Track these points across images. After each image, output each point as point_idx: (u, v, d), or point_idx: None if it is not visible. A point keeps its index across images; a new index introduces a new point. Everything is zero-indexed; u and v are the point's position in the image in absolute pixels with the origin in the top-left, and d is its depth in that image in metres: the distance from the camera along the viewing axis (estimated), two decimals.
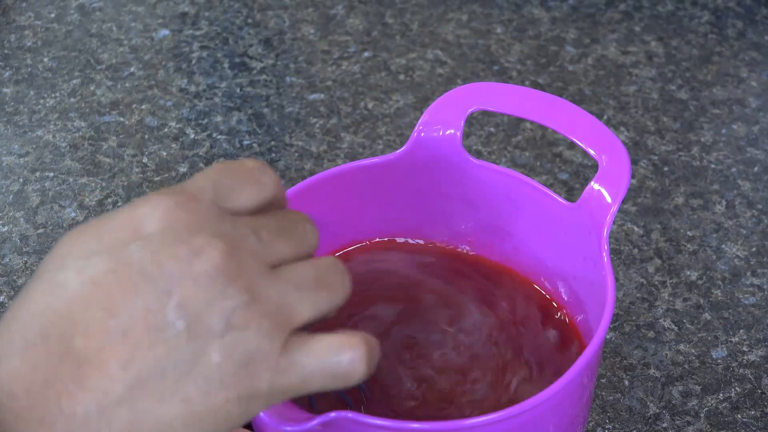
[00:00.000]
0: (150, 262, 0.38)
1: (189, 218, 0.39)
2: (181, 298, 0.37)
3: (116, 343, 0.37)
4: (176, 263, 0.38)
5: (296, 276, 0.40)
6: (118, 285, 0.37)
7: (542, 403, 0.47)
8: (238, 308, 0.38)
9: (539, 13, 0.97)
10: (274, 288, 0.39)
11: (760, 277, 0.74)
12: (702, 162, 0.83)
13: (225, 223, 0.39)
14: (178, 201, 0.39)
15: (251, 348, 0.38)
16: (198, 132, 0.86)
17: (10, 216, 0.80)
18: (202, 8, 0.99)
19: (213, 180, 0.40)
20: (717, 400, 0.67)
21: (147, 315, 0.37)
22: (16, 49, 0.95)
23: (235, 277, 0.38)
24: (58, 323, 0.37)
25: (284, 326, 0.39)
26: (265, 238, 0.40)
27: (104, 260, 0.38)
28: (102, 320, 0.37)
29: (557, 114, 0.56)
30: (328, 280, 0.40)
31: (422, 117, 0.58)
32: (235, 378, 0.38)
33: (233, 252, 0.38)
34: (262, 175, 0.41)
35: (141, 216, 0.39)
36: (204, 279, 0.38)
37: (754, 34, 0.95)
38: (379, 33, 0.96)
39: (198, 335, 0.37)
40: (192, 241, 0.38)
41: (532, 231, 0.59)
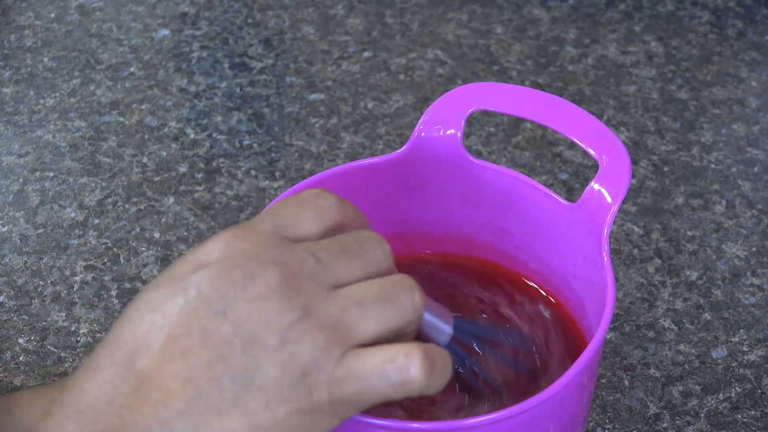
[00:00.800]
0: (206, 285, 0.40)
1: (246, 247, 0.41)
2: (235, 318, 0.39)
3: (175, 360, 0.39)
4: (231, 287, 0.40)
5: (359, 293, 0.41)
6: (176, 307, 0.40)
7: (542, 403, 0.47)
8: (292, 324, 0.40)
9: (539, 13, 0.97)
10: (333, 305, 0.40)
11: (760, 277, 0.74)
12: (702, 162, 0.83)
13: (282, 250, 0.41)
14: (237, 233, 0.41)
15: (306, 360, 0.39)
16: (198, 132, 0.86)
17: (10, 216, 0.80)
18: (202, 8, 0.99)
19: (272, 212, 0.42)
20: (717, 400, 0.67)
21: (203, 334, 0.39)
22: (16, 49, 0.95)
23: (290, 297, 0.40)
24: (123, 347, 0.40)
25: (342, 340, 0.40)
26: (325, 260, 0.41)
27: (168, 288, 0.41)
28: (161, 340, 0.40)
29: (558, 114, 0.56)
30: (392, 296, 0.41)
31: (423, 117, 0.58)
32: (293, 390, 0.39)
33: (289, 276, 0.40)
34: (320, 199, 0.43)
35: (205, 249, 0.41)
36: (257, 300, 0.40)
37: (754, 34, 0.95)
38: (379, 33, 0.96)
39: (253, 351, 0.39)
40: (247, 267, 0.40)
41: (533, 231, 0.59)
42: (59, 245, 0.77)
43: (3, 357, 0.70)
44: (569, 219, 0.56)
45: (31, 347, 0.71)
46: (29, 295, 0.74)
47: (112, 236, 0.78)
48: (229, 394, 0.39)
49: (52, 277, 0.75)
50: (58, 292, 0.74)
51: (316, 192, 0.43)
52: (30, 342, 0.71)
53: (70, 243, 0.78)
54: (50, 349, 0.71)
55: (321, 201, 0.43)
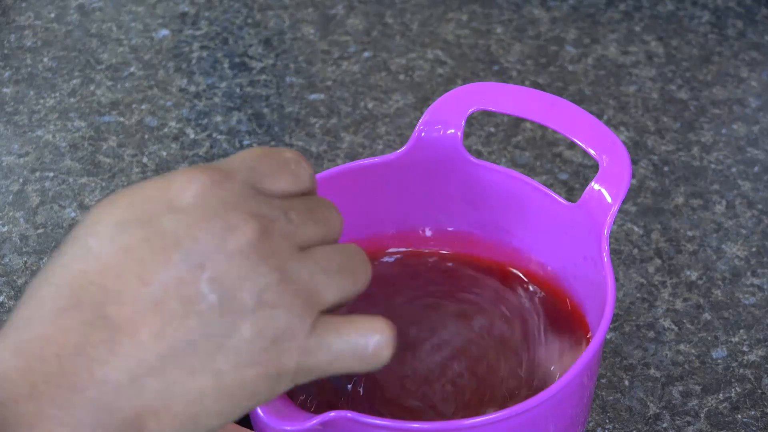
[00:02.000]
0: (184, 234, 0.38)
1: (224, 195, 0.39)
2: (214, 273, 0.38)
3: (149, 312, 0.37)
4: (211, 238, 0.38)
5: (324, 260, 0.40)
6: (152, 254, 0.38)
7: (542, 403, 0.47)
8: (269, 286, 0.38)
9: (539, 13, 0.97)
10: (305, 269, 0.40)
11: (760, 277, 0.74)
12: (702, 162, 0.83)
13: (258, 203, 0.40)
14: (213, 178, 0.39)
15: (281, 326, 0.38)
16: (198, 132, 0.86)
17: (10, 216, 0.80)
18: (202, 8, 0.99)
19: (249, 163, 0.41)
20: (717, 400, 0.67)
21: (180, 286, 0.38)
22: (16, 49, 0.95)
23: (267, 255, 0.39)
24: (90, 290, 0.37)
25: (313, 307, 0.39)
26: (295, 220, 0.40)
27: (138, 229, 0.38)
28: (135, 288, 0.37)
29: (558, 114, 0.56)
30: (352, 267, 0.41)
31: (423, 117, 0.58)
32: (264, 354, 0.38)
33: (266, 231, 0.39)
34: (299, 168, 0.42)
35: (176, 188, 0.39)
36: (237, 255, 0.38)
37: (754, 34, 0.95)
38: (379, 33, 0.96)
39: (230, 310, 0.38)
40: (227, 218, 0.38)
41: (533, 231, 0.59)
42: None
43: None
44: (569, 219, 0.56)
45: None
46: None
47: None
48: (203, 353, 0.37)
49: None
50: None
51: (295, 157, 0.42)
52: None
53: None
54: None
55: (300, 169, 0.42)
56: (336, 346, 0.40)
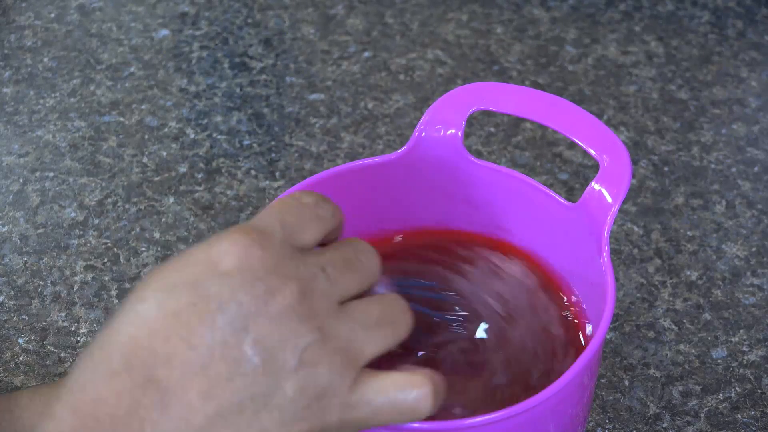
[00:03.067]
0: (228, 298, 0.40)
1: (264, 257, 0.41)
2: (257, 335, 0.39)
3: (196, 374, 0.39)
4: (253, 301, 0.40)
5: (363, 314, 0.42)
6: (198, 318, 0.39)
7: (542, 403, 0.47)
8: (310, 346, 0.40)
9: (539, 13, 0.97)
10: (344, 327, 0.41)
11: (760, 277, 0.74)
12: (702, 162, 0.83)
13: (296, 263, 0.41)
14: (254, 239, 0.41)
15: (323, 383, 0.40)
16: (198, 132, 0.86)
17: (10, 216, 0.80)
18: (202, 8, 0.99)
19: (279, 218, 0.42)
20: (717, 400, 0.67)
21: (225, 349, 0.39)
22: (16, 49, 0.95)
23: (307, 316, 0.40)
24: (140, 353, 0.39)
25: (354, 363, 0.41)
26: (332, 276, 0.42)
27: (184, 293, 0.40)
28: (183, 352, 0.39)
29: (558, 114, 0.56)
30: (392, 318, 0.43)
31: (423, 117, 0.58)
32: (308, 411, 0.40)
33: (305, 292, 0.41)
34: (320, 209, 0.44)
35: (218, 253, 0.41)
36: (278, 318, 0.40)
37: (754, 34, 0.95)
38: (379, 33, 0.96)
39: (273, 370, 0.39)
40: (268, 281, 0.40)
41: (533, 231, 0.59)
42: (59, 245, 0.77)
43: (3, 357, 0.70)
44: (570, 219, 0.56)
45: (31, 347, 0.71)
46: (29, 295, 0.74)
47: (112, 236, 0.78)
48: (248, 413, 0.39)
49: (52, 277, 0.75)
50: (58, 292, 0.74)
51: (314, 199, 0.44)
52: (30, 342, 0.71)
53: (70, 243, 0.78)
54: (50, 349, 0.71)
55: (321, 211, 0.44)
56: (377, 402, 0.41)
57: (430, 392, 0.42)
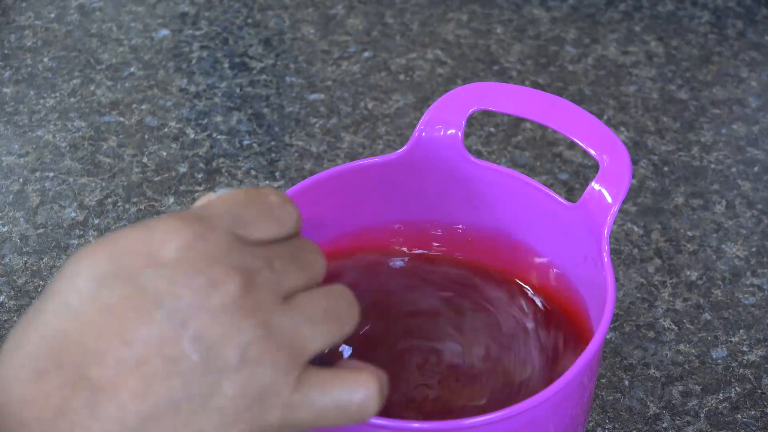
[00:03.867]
0: (166, 291, 0.37)
1: (206, 247, 0.38)
2: (196, 330, 0.37)
3: (131, 373, 0.36)
4: (193, 294, 0.37)
5: (308, 308, 0.40)
6: (134, 313, 0.37)
7: (542, 403, 0.47)
8: (253, 342, 0.37)
9: (539, 13, 0.97)
10: (288, 321, 0.39)
11: (760, 277, 0.74)
12: (702, 162, 0.83)
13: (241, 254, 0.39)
14: (196, 229, 0.38)
15: (265, 382, 0.38)
16: (198, 132, 0.86)
17: (10, 216, 0.80)
18: (202, 8, 0.99)
19: (232, 209, 0.40)
20: (717, 400, 0.67)
21: (162, 345, 0.37)
22: (16, 49, 0.95)
23: (251, 310, 0.38)
24: (71, 350, 0.36)
25: (297, 360, 0.39)
26: (279, 269, 0.39)
27: (119, 285, 0.37)
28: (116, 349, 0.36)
29: (558, 114, 0.56)
30: (338, 312, 0.40)
31: (423, 117, 0.58)
32: (248, 412, 0.38)
33: (250, 285, 0.38)
34: (283, 213, 0.41)
35: (157, 241, 0.38)
36: (221, 312, 0.37)
37: (754, 34, 0.95)
38: (379, 33, 0.96)
39: (213, 368, 0.37)
40: (209, 273, 0.37)
41: (533, 231, 0.59)
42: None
43: None
44: (570, 219, 0.56)
45: None
46: (29, 295, 0.74)
47: None
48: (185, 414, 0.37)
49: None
50: None
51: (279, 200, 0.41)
52: None
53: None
54: None
55: (284, 214, 0.41)
56: (320, 403, 0.39)
57: (376, 392, 0.40)
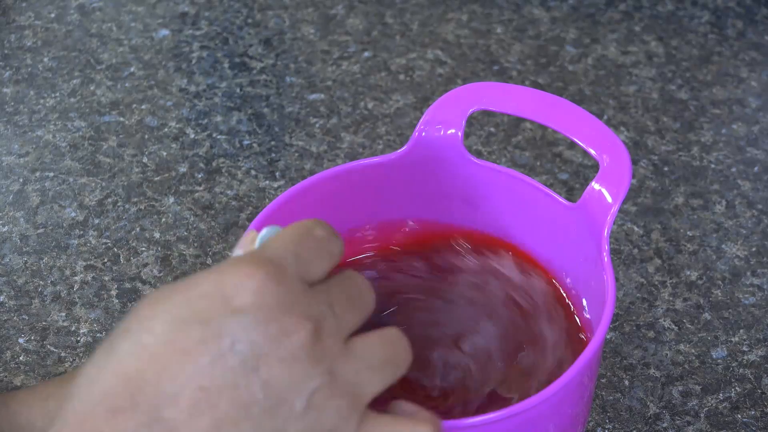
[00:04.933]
0: (241, 337, 0.38)
1: (279, 294, 0.39)
2: (267, 377, 0.38)
3: (203, 415, 0.38)
4: (266, 341, 0.39)
5: (368, 353, 0.41)
6: (209, 357, 0.38)
7: (542, 403, 0.47)
8: (319, 389, 0.39)
9: (539, 13, 0.97)
10: (350, 368, 0.40)
11: (760, 277, 0.74)
12: (702, 162, 0.83)
13: (308, 300, 0.40)
14: (269, 273, 0.40)
15: (328, 427, 0.39)
16: (198, 132, 0.86)
17: (10, 216, 0.80)
18: (202, 8, 0.99)
19: (293, 250, 0.41)
20: (717, 400, 0.67)
21: (234, 390, 0.38)
22: (16, 49, 0.95)
23: (318, 359, 0.39)
24: (146, 390, 0.38)
25: (358, 405, 0.40)
26: (339, 313, 0.41)
27: (195, 329, 0.38)
28: (191, 392, 0.38)
29: (558, 114, 0.56)
30: (394, 356, 0.42)
31: (423, 116, 0.58)
32: None
33: (317, 333, 0.40)
34: (333, 246, 0.42)
35: (231, 285, 0.39)
36: (290, 359, 0.39)
37: (754, 34, 0.95)
38: (379, 33, 0.96)
39: (280, 414, 0.39)
40: (283, 321, 0.39)
41: (533, 231, 0.59)
42: (59, 245, 0.77)
43: (3, 357, 0.70)
44: (570, 219, 0.56)
45: (31, 347, 0.71)
46: (29, 295, 0.74)
47: (112, 236, 0.78)
48: None
49: (52, 277, 0.75)
50: (58, 292, 0.74)
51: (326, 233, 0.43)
52: (30, 342, 0.71)
53: (70, 243, 0.78)
54: (50, 349, 0.71)
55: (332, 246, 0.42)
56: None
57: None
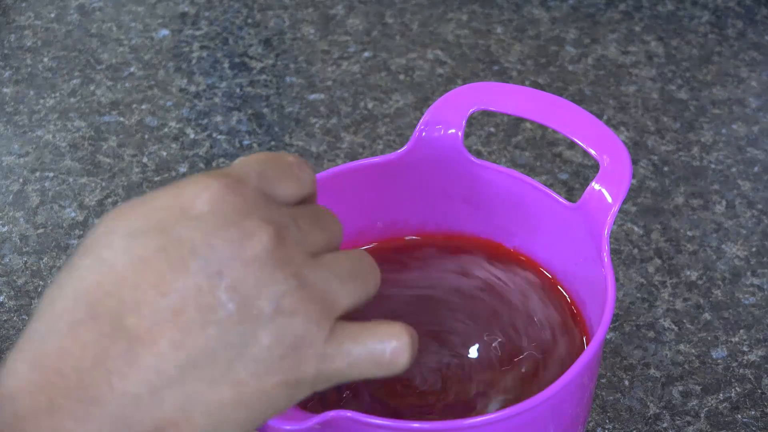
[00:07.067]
0: (201, 242, 0.38)
1: (237, 201, 0.39)
2: (232, 280, 0.37)
3: (168, 322, 0.37)
4: (227, 245, 0.38)
5: (336, 265, 0.40)
6: (169, 264, 0.37)
7: (542, 403, 0.47)
8: (287, 293, 0.38)
9: (539, 13, 0.97)
10: (318, 276, 0.39)
11: (760, 277, 0.74)
12: (702, 162, 0.83)
13: (270, 209, 0.39)
14: (227, 183, 0.39)
15: (300, 333, 0.38)
16: (198, 132, 0.86)
17: (10, 216, 0.80)
18: (202, 8, 0.99)
19: (257, 168, 0.41)
20: (717, 400, 0.67)
21: (198, 295, 0.37)
22: (16, 49, 0.95)
23: (283, 262, 0.38)
24: (107, 301, 0.37)
25: (330, 313, 0.39)
26: (304, 228, 0.40)
27: (153, 238, 0.38)
28: (153, 299, 0.37)
29: (559, 114, 0.56)
30: (362, 271, 0.41)
31: (424, 116, 0.58)
32: (283, 362, 0.38)
33: (280, 238, 0.39)
34: (302, 172, 0.42)
35: (188, 196, 0.39)
36: (254, 262, 0.38)
37: (754, 34, 0.95)
38: (379, 33, 0.96)
39: (248, 318, 0.37)
40: (242, 225, 0.38)
41: (533, 231, 0.59)
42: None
43: (3, 357, 0.70)
44: (570, 219, 0.56)
45: None
46: (29, 295, 0.74)
47: None
48: (222, 363, 0.37)
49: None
50: None
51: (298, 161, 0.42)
52: None
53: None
54: None
55: (303, 174, 0.42)
56: (354, 352, 0.39)
57: (408, 343, 0.40)
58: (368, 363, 0.40)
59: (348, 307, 0.40)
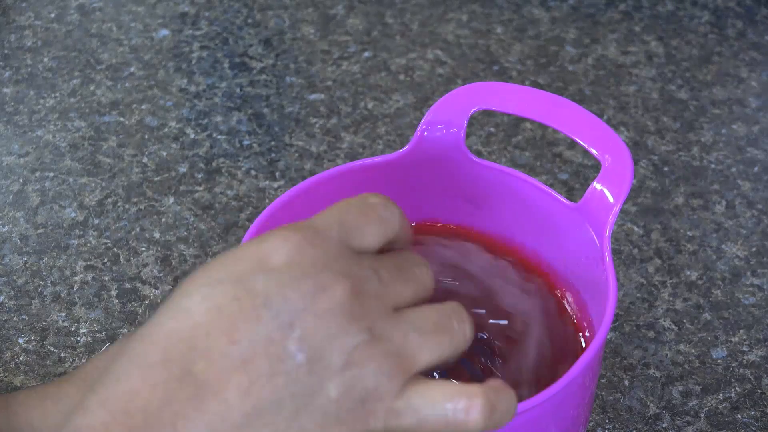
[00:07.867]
0: (274, 293, 0.38)
1: (315, 254, 0.39)
2: (303, 332, 0.38)
3: (236, 370, 0.37)
4: (301, 297, 0.38)
5: (418, 320, 0.40)
6: (241, 313, 0.38)
7: (543, 403, 0.47)
8: (358, 346, 0.38)
9: (539, 13, 0.97)
10: (396, 330, 0.39)
11: (760, 277, 0.74)
12: (702, 162, 0.83)
13: (350, 262, 0.40)
14: (306, 236, 0.39)
15: (369, 386, 0.39)
16: (198, 132, 0.86)
17: (10, 216, 0.80)
18: (202, 8, 0.99)
19: (339, 217, 0.41)
20: (717, 400, 0.67)
21: (268, 345, 0.38)
22: (16, 49, 0.95)
23: (357, 316, 0.39)
24: (179, 346, 0.38)
25: (404, 369, 0.39)
26: (386, 279, 0.40)
27: (228, 288, 0.38)
28: (223, 346, 0.38)
29: (560, 114, 0.56)
30: (449, 326, 0.41)
31: (425, 116, 0.58)
32: (351, 415, 0.38)
33: (357, 291, 0.39)
34: (385, 211, 0.42)
35: (268, 249, 0.39)
36: (327, 315, 0.38)
37: (754, 34, 0.95)
38: (379, 33, 0.96)
39: (317, 369, 0.38)
40: (317, 277, 0.39)
41: (535, 231, 0.59)
42: (59, 245, 0.77)
43: (3, 357, 0.70)
44: (571, 219, 0.56)
45: (31, 347, 0.71)
46: (29, 295, 0.74)
47: (112, 236, 0.78)
48: (288, 412, 0.38)
49: (52, 277, 0.75)
50: (58, 292, 0.74)
51: (381, 201, 0.42)
52: (30, 342, 0.71)
53: (70, 243, 0.78)
54: (50, 349, 0.71)
55: (386, 213, 0.42)
56: (424, 411, 0.39)
57: (482, 405, 0.39)
58: (437, 422, 0.40)
59: (429, 363, 0.40)
